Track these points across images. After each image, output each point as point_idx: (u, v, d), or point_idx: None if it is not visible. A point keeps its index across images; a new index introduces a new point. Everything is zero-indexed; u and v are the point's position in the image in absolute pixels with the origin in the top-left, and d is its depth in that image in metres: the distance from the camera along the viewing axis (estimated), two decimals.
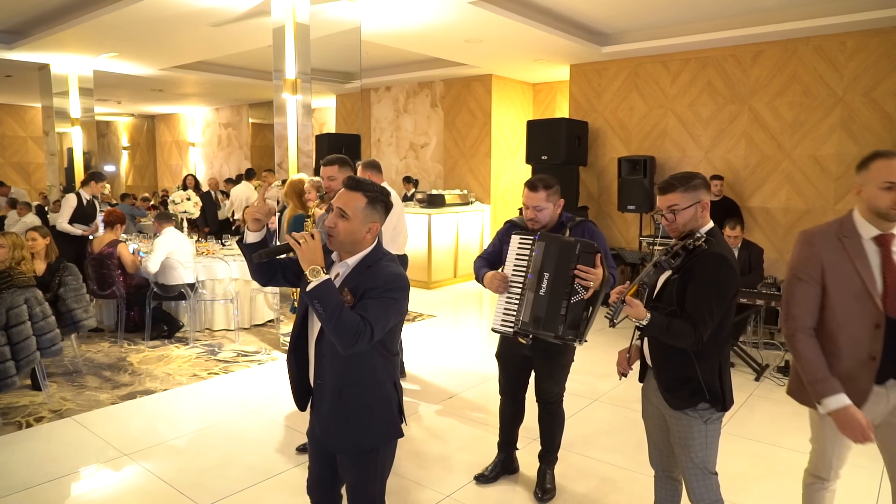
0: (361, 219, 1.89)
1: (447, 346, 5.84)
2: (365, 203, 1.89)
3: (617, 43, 7.65)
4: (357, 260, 1.93)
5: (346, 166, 3.41)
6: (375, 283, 1.85)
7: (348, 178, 1.96)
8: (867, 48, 6.48)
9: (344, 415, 1.95)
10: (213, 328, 6.17)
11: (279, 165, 6.11)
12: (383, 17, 6.42)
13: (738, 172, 7.36)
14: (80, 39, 7.64)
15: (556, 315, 2.58)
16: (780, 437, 3.84)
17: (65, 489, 3.15)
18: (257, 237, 2.02)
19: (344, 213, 1.88)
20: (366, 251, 1.94)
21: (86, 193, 6.71)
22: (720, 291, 2.08)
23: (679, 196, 2.17)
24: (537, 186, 2.79)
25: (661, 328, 2.09)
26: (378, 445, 1.99)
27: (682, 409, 2.17)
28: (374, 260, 1.93)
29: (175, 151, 16.75)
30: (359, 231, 1.89)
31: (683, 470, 2.24)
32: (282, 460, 3.48)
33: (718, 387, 2.14)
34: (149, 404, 4.30)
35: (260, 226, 2.01)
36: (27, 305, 3.99)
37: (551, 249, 2.65)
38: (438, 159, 10.39)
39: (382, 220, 1.96)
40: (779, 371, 5.02)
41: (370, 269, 1.90)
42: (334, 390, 1.94)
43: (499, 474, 3.22)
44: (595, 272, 2.54)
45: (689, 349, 2.10)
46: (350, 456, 2.01)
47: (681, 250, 2.12)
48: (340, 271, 1.95)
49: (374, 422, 1.97)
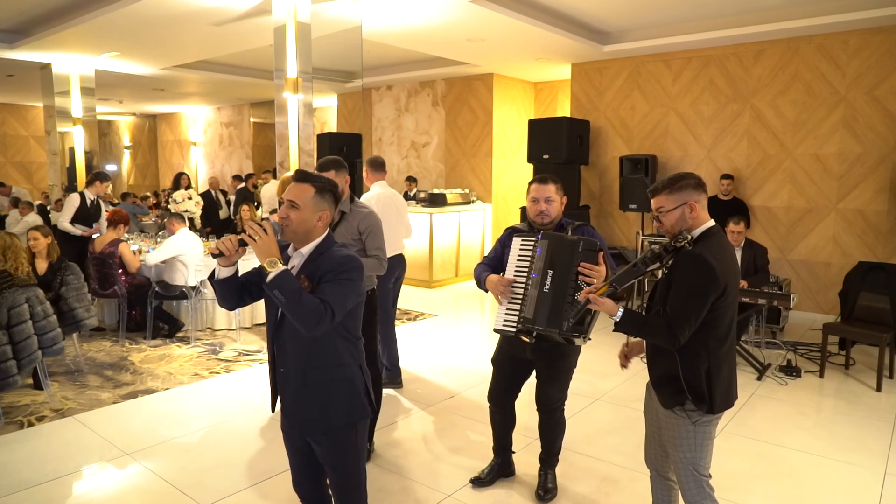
0: (311, 207, 1.99)
1: (448, 346, 5.84)
2: (314, 192, 2.00)
3: (618, 42, 7.64)
4: (311, 249, 2.02)
5: (343, 169, 3.41)
6: (330, 267, 1.94)
7: (297, 171, 2.08)
8: (870, 46, 6.46)
9: (309, 397, 2.02)
10: (215, 327, 6.17)
11: (280, 165, 6.11)
12: (384, 16, 6.41)
13: (740, 171, 7.34)
14: (81, 39, 7.64)
15: (561, 312, 2.58)
16: (782, 437, 3.84)
17: (66, 488, 3.16)
18: (230, 272, 2.02)
19: (294, 204, 1.98)
20: (318, 240, 2.03)
21: (90, 193, 6.70)
22: (692, 292, 2.06)
23: (664, 198, 2.18)
24: (547, 180, 2.87)
25: (636, 325, 2.14)
26: (346, 423, 2.05)
27: (670, 408, 2.18)
28: (326, 247, 2.02)
29: (177, 151, 16.76)
30: (310, 220, 1.99)
31: (675, 470, 2.24)
32: (283, 460, 3.45)
33: (704, 388, 2.11)
34: (150, 403, 4.30)
35: (229, 262, 2.00)
36: (28, 305, 3.99)
37: (554, 247, 2.67)
38: (440, 158, 10.39)
39: (332, 209, 2.05)
40: (781, 370, 5.01)
41: (323, 256, 1.99)
42: (298, 375, 2.01)
43: (495, 478, 3.22)
44: (598, 269, 2.55)
45: (669, 348, 2.11)
46: (321, 438, 2.05)
47: (662, 251, 2.12)
48: (296, 262, 2.03)
49: (340, 401, 2.04)
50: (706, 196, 2.22)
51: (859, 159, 6.64)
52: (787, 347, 5.58)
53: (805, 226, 7.01)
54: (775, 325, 6.06)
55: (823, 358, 4.99)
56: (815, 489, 3.22)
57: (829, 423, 4.11)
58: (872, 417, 4.17)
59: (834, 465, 3.50)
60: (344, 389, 2.04)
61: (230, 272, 2.04)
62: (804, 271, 7.03)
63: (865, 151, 6.59)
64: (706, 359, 2.13)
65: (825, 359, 5.00)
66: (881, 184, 6.51)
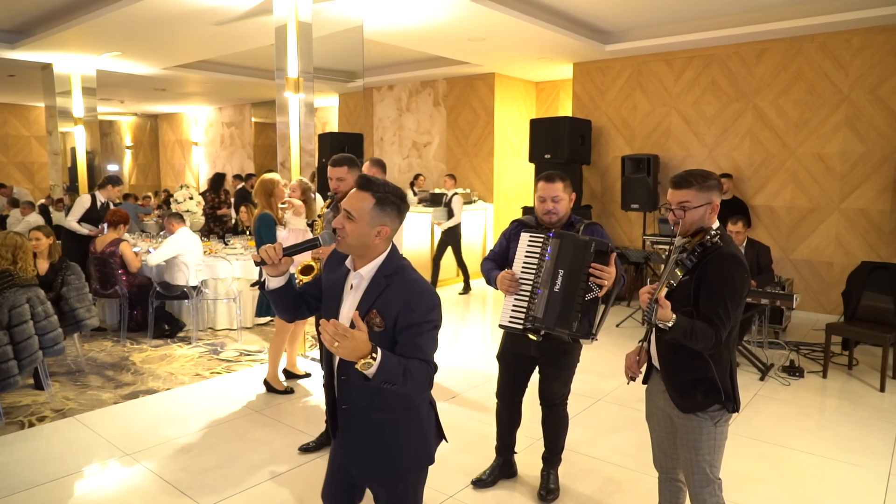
0: (368, 220, 1.76)
1: (450, 346, 5.83)
2: (373, 204, 1.77)
3: (620, 41, 7.62)
4: (372, 271, 1.81)
5: (355, 167, 3.40)
6: (415, 317, 1.73)
7: (360, 176, 1.84)
8: (873, 45, 6.44)
9: (373, 442, 1.83)
10: (216, 327, 6.17)
11: (282, 164, 6.10)
12: (386, 15, 6.40)
13: (742, 171, 7.33)
14: (82, 39, 7.64)
15: (571, 312, 2.57)
16: (785, 437, 3.82)
17: (67, 489, 3.15)
18: (280, 282, 1.92)
19: (350, 215, 1.77)
20: (380, 259, 1.82)
21: (101, 196, 6.68)
22: (733, 291, 2.06)
23: (693, 193, 2.13)
24: (554, 178, 2.82)
25: (685, 331, 2.03)
26: (409, 474, 1.88)
27: (693, 412, 2.13)
28: (391, 269, 1.80)
29: (178, 151, 16.77)
30: (366, 234, 1.77)
31: (688, 473, 2.21)
32: (284, 460, 3.47)
33: (731, 387, 2.13)
34: (151, 404, 4.30)
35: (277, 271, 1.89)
36: (29, 305, 3.98)
37: (566, 247, 2.65)
38: (441, 158, 10.38)
39: (395, 224, 1.81)
40: (784, 371, 4.99)
41: (391, 280, 1.79)
42: (363, 416, 1.82)
43: (496, 478, 3.21)
44: (609, 271, 2.54)
45: (708, 351, 2.07)
46: (379, 489, 1.91)
47: (697, 247, 2.09)
48: (354, 282, 1.83)
49: (408, 450, 1.85)
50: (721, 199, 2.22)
51: (862, 159, 6.61)
52: (789, 347, 5.56)
53: (808, 225, 6.99)
54: (778, 325, 6.05)
55: (826, 358, 4.97)
56: (818, 490, 3.21)
57: (832, 424, 4.09)
58: (876, 418, 4.15)
59: (837, 465, 3.48)
60: (414, 435, 1.86)
61: (281, 282, 1.91)
62: (807, 271, 7.01)
63: (868, 151, 6.57)
64: (728, 358, 2.13)
65: (828, 359, 4.98)
66: (884, 183, 6.48)
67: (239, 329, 6.03)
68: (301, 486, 3.17)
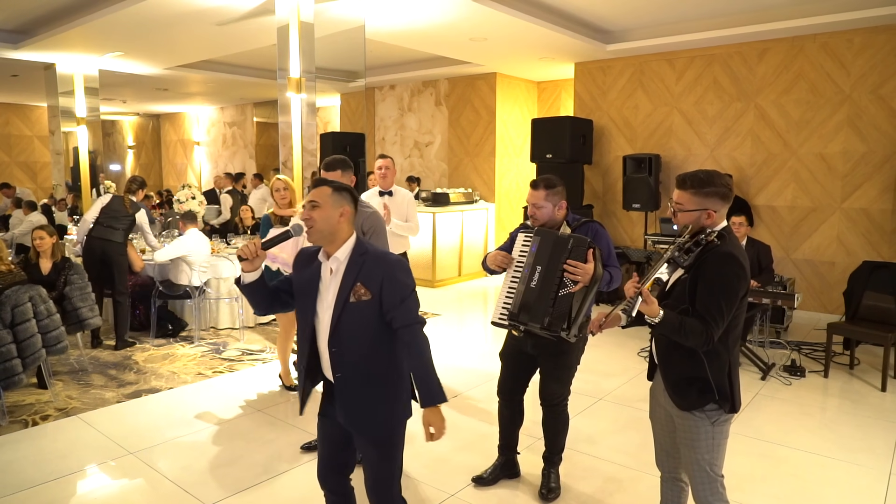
0: (331, 203, 2.04)
1: (451, 345, 5.84)
2: (331, 191, 2.06)
3: (622, 41, 7.62)
4: (347, 252, 2.07)
5: (349, 169, 3.41)
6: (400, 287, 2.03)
7: (317, 180, 2.14)
8: (874, 45, 6.44)
9: (373, 399, 2.09)
10: (219, 327, 6.18)
11: (284, 164, 6.12)
12: (387, 15, 6.41)
13: (743, 170, 7.33)
14: (85, 39, 7.66)
15: (543, 307, 2.64)
16: (786, 437, 3.83)
17: (71, 487, 3.16)
18: (253, 276, 2.13)
19: (315, 203, 2.04)
20: (350, 242, 2.08)
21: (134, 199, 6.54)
22: (727, 290, 2.05)
23: (687, 197, 2.14)
24: (538, 185, 2.88)
25: (674, 327, 2.05)
26: (396, 425, 2.14)
27: (689, 410, 2.14)
28: (363, 250, 2.08)
29: (180, 150, 16.79)
30: (332, 216, 2.03)
31: (689, 472, 2.22)
32: (287, 459, 3.48)
33: (727, 387, 2.12)
34: (154, 403, 4.31)
35: (252, 266, 2.10)
36: (31, 303, 4.00)
37: (545, 244, 2.73)
38: (443, 158, 10.39)
39: (351, 207, 2.10)
40: (785, 370, 5.00)
41: (368, 259, 2.05)
42: (362, 378, 2.07)
43: (498, 477, 3.21)
44: (584, 267, 2.57)
45: (700, 349, 2.07)
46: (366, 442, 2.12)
47: (692, 246, 2.09)
48: (334, 267, 2.07)
49: (399, 404, 2.13)
50: (728, 205, 2.17)
51: (864, 158, 6.61)
52: (791, 347, 5.56)
53: (809, 225, 6.99)
54: (779, 324, 6.05)
55: (828, 358, 4.98)
56: (819, 489, 3.21)
57: (833, 424, 4.09)
58: (877, 417, 4.16)
59: (838, 465, 3.48)
60: (402, 392, 2.14)
61: (255, 276, 2.11)
62: (808, 271, 7.01)
63: (870, 150, 6.57)
64: (727, 358, 2.13)
65: (829, 359, 4.98)
66: (886, 183, 6.48)
67: (241, 328, 6.05)
68: (304, 485, 3.18)
